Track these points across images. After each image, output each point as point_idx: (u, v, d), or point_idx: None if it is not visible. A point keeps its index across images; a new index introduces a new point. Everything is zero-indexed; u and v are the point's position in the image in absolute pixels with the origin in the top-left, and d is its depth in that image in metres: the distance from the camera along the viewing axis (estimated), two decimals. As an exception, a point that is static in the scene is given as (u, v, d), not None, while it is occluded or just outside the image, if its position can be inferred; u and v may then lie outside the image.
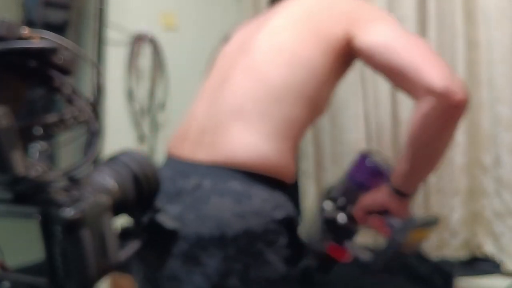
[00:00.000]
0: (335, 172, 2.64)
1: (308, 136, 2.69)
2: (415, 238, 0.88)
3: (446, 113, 0.79)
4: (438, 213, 2.03)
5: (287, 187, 0.89)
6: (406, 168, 0.86)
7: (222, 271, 0.81)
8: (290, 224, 0.86)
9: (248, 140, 0.85)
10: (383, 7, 2.27)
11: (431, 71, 0.79)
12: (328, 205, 0.89)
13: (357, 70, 2.50)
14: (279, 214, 0.84)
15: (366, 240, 2.33)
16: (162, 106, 2.01)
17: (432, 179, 2.05)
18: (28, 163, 0.39)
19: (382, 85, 2.48)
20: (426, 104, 0.80)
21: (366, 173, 0.92)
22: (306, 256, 0.90)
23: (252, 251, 0.81)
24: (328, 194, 0.97)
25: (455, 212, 1.93)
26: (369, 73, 2.44)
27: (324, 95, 0.92)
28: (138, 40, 1.94)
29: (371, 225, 0.93)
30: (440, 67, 0.80)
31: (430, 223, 0.94)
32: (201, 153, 0.89)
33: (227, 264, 0.81)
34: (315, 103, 0.90)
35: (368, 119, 2.47)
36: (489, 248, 1.84)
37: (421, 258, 1.94)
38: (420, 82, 0.80)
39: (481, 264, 1.82)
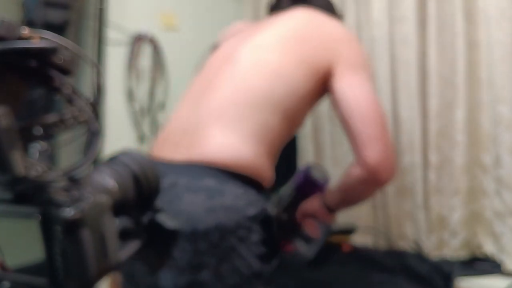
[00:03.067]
0: (335, 172, 2.63)
1: (308, 136, 2.70)
2: (336, 239, 1.13)
3: (369, 184, 0.98)
4: (438, 213, 2.03)
5: (263, 189, 0.94)
6: (336, 199, 1.04)
7: (193, 265, 0.84)
8: (264, 221, 0.90)
9: (224, 141, 0.91)
10: (383, 7, 2.27)
11: (372, 149, 0.94)
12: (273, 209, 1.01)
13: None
14: (252, 211, 0.88)
15: (366, 240, 2.33)
16: (162, 106, 2.01)
17: (432, 179, 2.05)
18: (28, 163, 0.39)
19: (382, 85, 2.49)
20: (359, 171, 0.96)
21: (308, 185, 1.10)
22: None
23: (224, 246, 0.84)
24: (278, 200, 1.13)
25: (455, 212, 1.93)
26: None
27: (302, 111, 1.01)
28: (138, 40, 1.94)
29: (306, 225, 1.09)
30: (381, 145, 0.95)
31: (347, 231, 1.15)
32: (179, 154, 0.93)
33: (198, 258, 0.84)
34: (292, 116, 0.98)
35: (368, 119, 2.47)
36: (489, 248, 1.84)
37: (421, 258, 1.94)
38: (360, 153, 0.95)
39: (481, 264, 1.82)
